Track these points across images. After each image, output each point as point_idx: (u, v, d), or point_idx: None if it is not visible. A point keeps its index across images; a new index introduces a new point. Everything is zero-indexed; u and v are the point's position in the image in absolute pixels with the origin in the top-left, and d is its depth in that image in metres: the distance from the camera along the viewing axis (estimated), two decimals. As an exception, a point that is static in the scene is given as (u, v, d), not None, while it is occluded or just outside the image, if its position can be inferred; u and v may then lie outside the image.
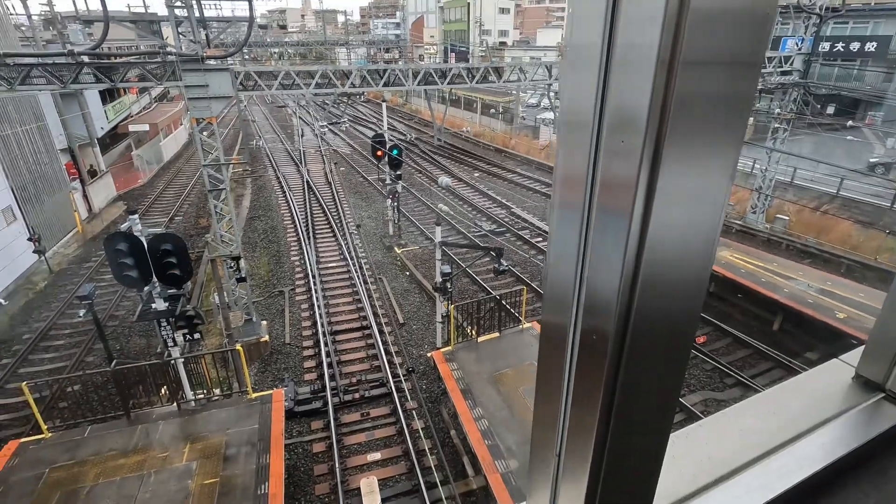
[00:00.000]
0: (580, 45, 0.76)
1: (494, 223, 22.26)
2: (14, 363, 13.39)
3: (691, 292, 0.80)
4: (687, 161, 0.72)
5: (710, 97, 0.69)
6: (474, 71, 16.18)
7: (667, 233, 0.72)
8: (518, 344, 11.88)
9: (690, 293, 0.80)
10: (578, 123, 0.79)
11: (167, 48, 11.75)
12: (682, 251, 0.75)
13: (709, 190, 0.75)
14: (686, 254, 0.76)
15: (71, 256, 20.25)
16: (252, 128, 45.80)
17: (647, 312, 0.77)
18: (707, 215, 0.76)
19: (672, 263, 0.75)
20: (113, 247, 8.63)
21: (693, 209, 0.75)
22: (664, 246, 0.72)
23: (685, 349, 0.88)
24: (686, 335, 0.85)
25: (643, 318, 0.77)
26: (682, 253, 0.75)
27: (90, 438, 9.00)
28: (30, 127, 19.55)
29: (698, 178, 0.74)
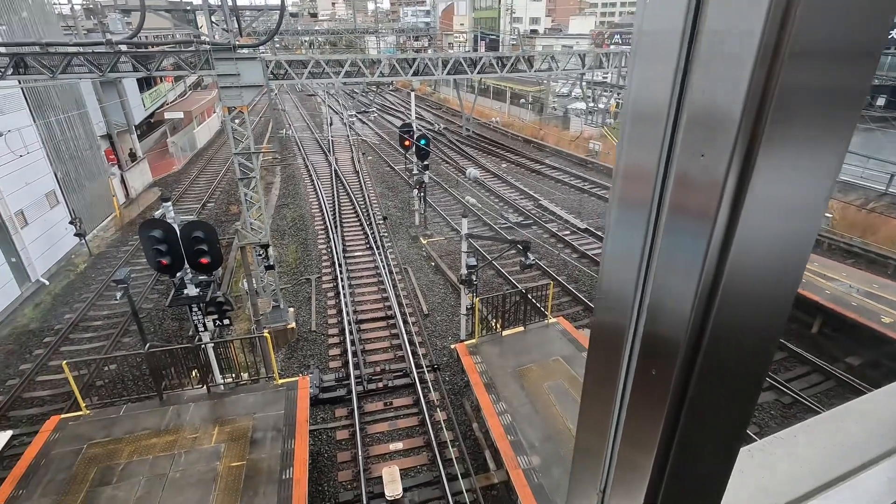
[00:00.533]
0: (655, 31, 0.66)
1: (521, 215, 22.00)
2: (56, 342, 14.00)
3: (776, 309, 0.70)
4: (785, 164, 0.61)
5: (818, 93, 0.58)
6: (505, 60, 15.90)
7: (756, 243, 0.63)
8: (543, 339, 11.72)
9: (775, 310, 0.70)
10: (649, 116, 0.69)
11: (201, 37, 11.91)
12: (771, 264, 0.66)
13: (807, 198, 0.64)
14: (775, 267, 0.66)
15: (109, 240, 20.99)
16: (282, 116, 46.42)
17: (726, 328, 0.68)
18: (802, 226, 0.66)
19: (760, 277, 0.65)
20: (147, 233, 8.85)
21: (788, 219, 0.65)
22: (752, 257, 0.63)
23: (762, 372, 0.78)
24: (765, 356, 0.76)
25: (721, 333, 0.68)
26: (772, 266, 0.66)
27: (125, 417, 9.33)
28: (72, 114, 20.24)
29: (797, 185, 0.63)
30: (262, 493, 7.76)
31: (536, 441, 8.91)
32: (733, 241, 0.63)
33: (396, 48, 63.65)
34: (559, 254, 18.22)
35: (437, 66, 14.98)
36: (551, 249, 18.52)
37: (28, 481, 7.99)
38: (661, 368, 0.77)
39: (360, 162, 30.39)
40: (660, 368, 0.76)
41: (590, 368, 0.94)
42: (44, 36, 18.12)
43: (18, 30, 17.44)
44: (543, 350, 11.33)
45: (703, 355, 0.71)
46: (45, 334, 14.59)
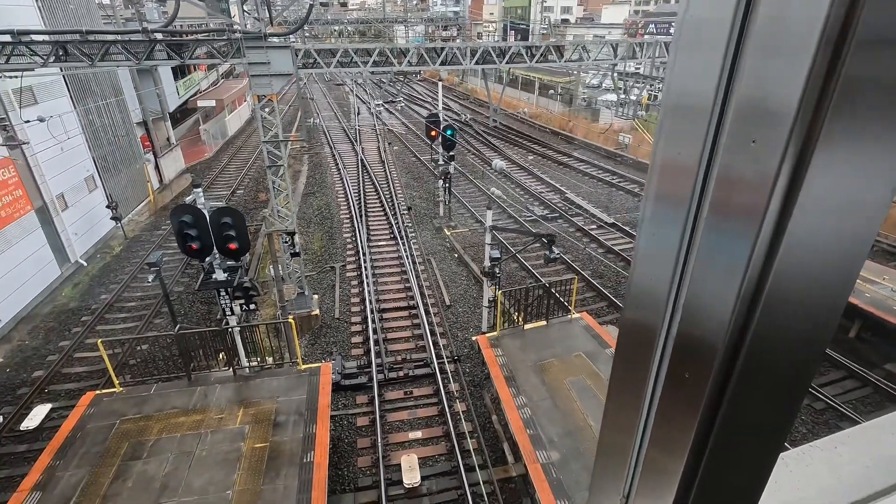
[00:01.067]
0: (701, 19, 0.61)
1: (547, 208, 21.74)
2: (92, 321, 14.59)
3: (825, 316, 0.66)
4: (845, 162, 0.56)
5: (886, 85, 0.53)
6: (534, 50, 15.63)
7: (808, 244, 0.59)
8: (566, 334, 11.60)
9: (824, 317, 0.66)
10: (691, 109, 0.65)
11: (233, 26, 12.07)
12: (823, 267, 0.61)
13: (867, 198, 0.59)
14: (828, 271, 0.62)
15: (143, 224, 21.69)
16: (310, 105, 46.89)
17: (769, 333, 0.64)
18: (860, 228, 0.62)
19: (809, 281, 0.61)
20: (178, 218, 9.08)
21: (844, 220, 0.60)
22: (803, 259, 0.60)
23: (806, 381, 0.74)
24: (810, 365, 0.72)
25: (764, 339, 0.64)
26: (824, 270, 0.61)
27: (155, 395, 9.68)
28: (110, 101, 20.88)
29: (857, 183, 0.58)
30: (284, 475, 7.95)
31: (556, 436, 8.86)
32: (782, 240, 0.59)
33: (425, 38, 63.37)
34: (585, 248, 17.96)
35: (465, 56, 14.84)
36: (577, 243, 18.27)
37: (65, 452, 8.39)
38: (695, 371, 0.73)
39: (386, 152, 30.50)
40: (694, 371, 0.73)
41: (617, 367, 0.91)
42: (84, 24, 18.69)
43: (62, 18, 18.02)
44: (566, 345, 11.22)
45: (742, 360, 0.67)
46: (83, 313, 15.21)
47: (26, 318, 14.97)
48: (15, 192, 15.19)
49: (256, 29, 11.64)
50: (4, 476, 9.93)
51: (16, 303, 14.74)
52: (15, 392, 12.08)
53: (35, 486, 7.79)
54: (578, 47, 16.31)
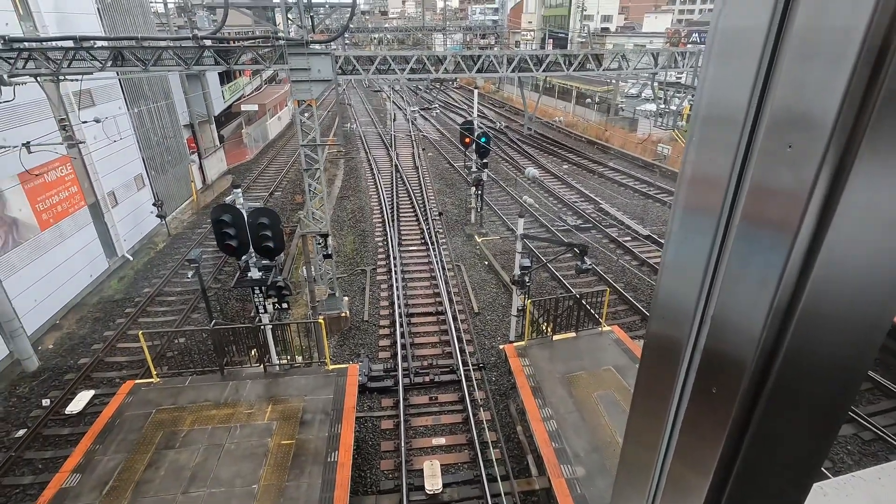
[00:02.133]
0: (735, 28, 0.61)
1: (580, 218, 21.43)
2: (135, 313, 15.27)
3: (866, 336, 0.63)
4: (889, 172, 0.54)
5: None
6: (572, 58, 15.50)
7: (846, 258, 0.57)
8: (595, 347, 11.36)
9: (864, 337, 0.63)
10: (723, 118, 0.64)
11: (277, 33, 12.49)
12: (863, 284, 0.59)
13: None
14: (868, 288, 0.59)
15: (186, 222, 22.59)
16: (348, 111, 47.88)
17: (803, 351, 0.62)
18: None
19: (848, 297, 0.59)
20: (218, 217, 9.42)
21: (888, 233, 0.57)
22: (840, 274, 0.57)
23: (844, 405, 0.71)
24: (849, 387, 0.69)
25: (797, 357, 0.62)
26: (864, 286, 0.59)
27: (190, 387, 10.01)
28: (160, 104, 21.92)
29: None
30: (308, 473, 8.07)
31: (582, 451, 8.67)
32: (818, 254, 0.57)
33: (462, 46, 63.83)
34: (618, 260, 17.58)
35: (502, 64, 14.85)
36: (610, 255, 17.90)
37: (104, 438, 8.77)
38: (723, 387, 0.71)
39: (420, 157, 30.79)
40: (722, 387, 0.71)
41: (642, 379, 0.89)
42: (140, 32, 19.73)
43: (120, 25, 19.08)
44: (595, 358, 10.98)
45: (773, 378, 0.65)
46: (126, 305, 15.94)
47: (76, 307, 15.79)
48: (71, 189, 16.11)
49: (299, 36, 12.00)
50: (49, 457, 10.46)
51: (67, 292, 15.58)
52: (62, 377, 12.74)
53: (76, 468, 8.17)
54: (617, 56, 16.07)
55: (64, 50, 11.11)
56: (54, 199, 15.29)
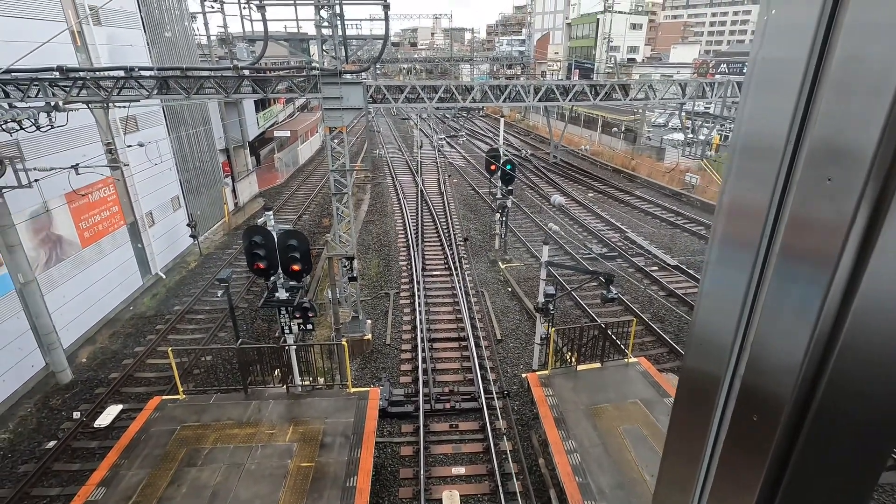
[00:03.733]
0: (774, 59, 0.63)
1: (606, 247, 21.18)
2: (165, 330, 15.65)
3: None
4: None
5: None
6: (598, 88, 15.62)
7: (888, 291, 0.56)
8: (621, 379, 11.05)
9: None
10: (763, 148, 0.65)
11: (312, 63, 13.01)
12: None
13: None
14: None
15: (217, 242, 23.26)
16: (376, 137, 49.04)
17: (845, 387, 0.62)
18: None
19: (890, 330, 0.58)
20: (249, 238, 9.69)
21: None
22: (882, 307, 0.57)
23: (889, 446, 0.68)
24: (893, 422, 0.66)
25: (839, 393, 0.62)
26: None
27: (214, 405, 10.13)
28: (199, 129, 22.93)
29: None
30: (326, 498, 7.99)
31: (606, 487, 8.35)
32: (859, 286, 0.57)
33: (489, 75, 65.09)
34: (645, 290, 17.23)
35: (529, 93, 15.07)
36: (636, 284, 17.57)
37: (130, 453, 8.91)
38: (761, 426, 0.70)
39: (445, 184, 31.15)
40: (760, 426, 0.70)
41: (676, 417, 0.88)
42: (185, 62, 20.85)
43: (166, 56, 20.21)
44: (621, 390, 10.67)
45: (813, 415, 0.64)
46: (157, 322, 16.37)
47: (110, 322, 16.30)
48: (112, 209, 16.85)
49: (333, 66, 12.48)
50: (76, 469, 10.66)
51: (103, 307, 16.12)
52: (93, 391, 13.07)
53: (101, 482, 8.30)
54: (644, 86, 16.12)
55: (115, 79, 11.81)
56: (96, 218, 16.01)
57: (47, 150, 13.63)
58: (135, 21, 18.15)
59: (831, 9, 0.56)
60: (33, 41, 9.94)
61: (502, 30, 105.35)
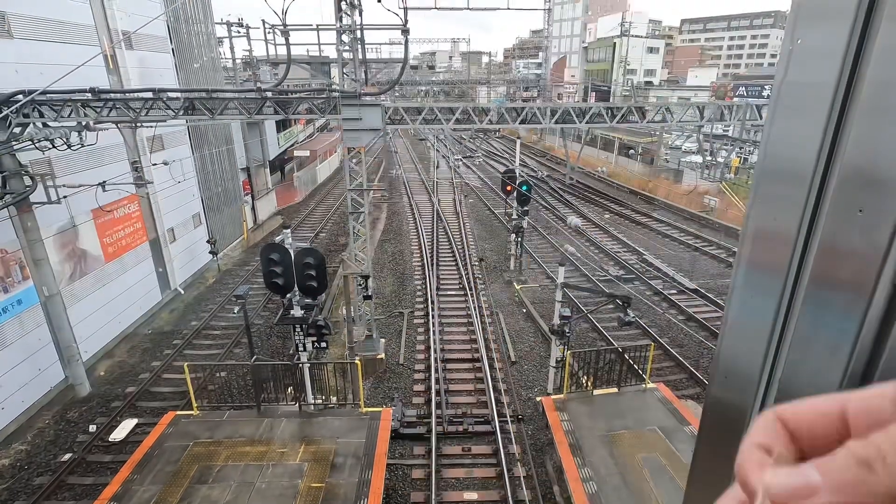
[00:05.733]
0: (801, 84, 0.61)
1: (623, 269, 20.93)
2: (181, 345, 15.82)
3: None
4: None
5: None
6: (615, 110, 15.65)
7: None
8: (639, 405, 10.78)
9: None
10: (790, 173, 0.63)
11: (333, 86, 13.33)
12: None
13: None
14: None
15: (235, 259, 23.61)
16: (394, 158, 49.71)
17: None
18: None
19: None
20: (267, 255, 9.81)
21: None
22: None
23: None
24: None
25: None
26: None
27: (227, 422, 10.14)
28: (222, 149, 23.54)
29: None
30: (336, 520, 7.87)
31: (624, 519, 8.07)
32: (895, 322, 0.54)
33: (506, 98, 65.87)
34: (663, 313, 16.91)
35: (545, 116, 15.17)
36: (654, 308, 17.26)
37: (143, 468, 8.93)
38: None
39: (461, 204, 31.30)
40: None
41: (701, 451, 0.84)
42: (210, 84, 21.55)
43: (193, 78, 20.93)
44: (639, 417, 10.39)
45: None
46: (174, 337, 16.56)
47: (128, 336, 16.55)
48: (136, 225, 17.28)
49: (353, 89, 12.77)
50: (90, 483, 10.70)
51: (122, 321, 16.40)
52: (109, 404, 13.20)
53: (113, 497, 8.31)
54: (661, 109, 16.11)
55: (143, 100, 12.25)
56: (120, 233, 16.42)
57: (76, 168, 14.10)
58: (165, 46, 18.88)
59: (860, 34, 0.54)
60: (69, 64, 10.39)
61: (519, 53, 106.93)
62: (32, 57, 12.85)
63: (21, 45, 12.67)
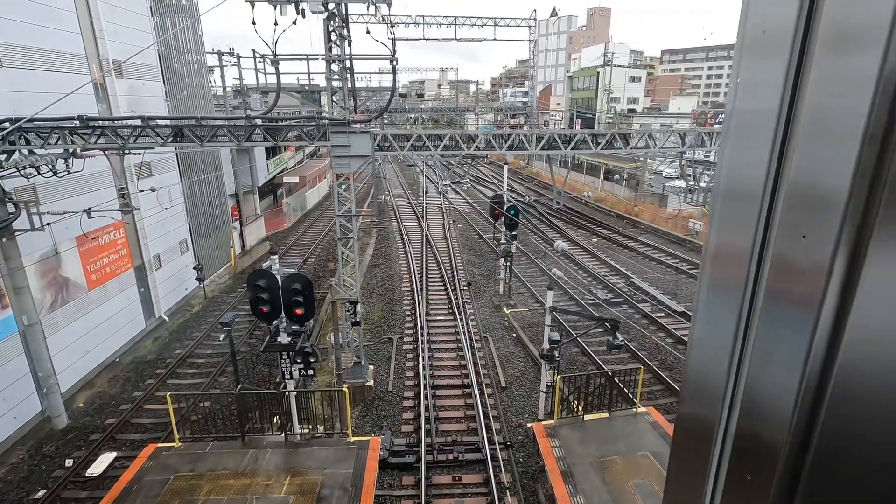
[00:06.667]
0: (749, 111, 0.65)
1: (611, 293, 21.04)
2: (165, 374, 15.44)
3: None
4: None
5: None
6: (599, 137, 16.03)
7: (873, 336, 0.56)
8: (630, 430, 10.69)
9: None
10: (743, 196, 0.67)
11: (322, 113, 13.50)
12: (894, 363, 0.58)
13: None
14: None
15: (223, 286, 23.32)
16: (383, 184, 50.04)
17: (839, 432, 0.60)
18: None
19: (881, 378, 0.58)
20: (254, 282, 9.72)
21: None
22: (869, 354, 0.57)
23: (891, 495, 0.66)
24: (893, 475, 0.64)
25: (834, 438, 0.61)
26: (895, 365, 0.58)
27: (210, 454, 9.83)
28: (210, 175, 23.54)
29: None
30: (322, 555, 7.59)
31: (618, 548, 7.90)
32: (844, 333, 0.57)
33: (494, 125, 67.11)
34: (651, 336, 16.95)
35: (532, 142, 15.47)
36: (643, 331, 17.30)
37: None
38: (757, 474, 0.68)
39: (450, 229, 31.45)
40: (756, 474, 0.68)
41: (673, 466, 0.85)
42: (200, 111, 21.71)
43: (182, 105, 21.07)
44: (630, 442, 10.29)
45: (810, 463, 0.62)
46: (158, 366, 16.17)
47: (110, 365, 16.13)
48: (121, 251, 17.07)
49: (342, 116, 12.94)
50: (63, 521, 10.24)
51: (104, 350, 16.00)
52: (87, 437, 12.75)
53: (88, 536, 7.94)
54: (645, 135, 16.53)
55: (132, 127, 12.27)
56: (104, 260, 16.19)
57: (61, 195, 13.98)
58: (155, 74, 19.06)
59: (796, 67, 0.59)
60: (59, 92, 10.43)
61: (506, 82, 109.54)
62: (22, 85, 12.88)
63: (11, 73, 12.71)
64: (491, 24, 48.57)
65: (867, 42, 0.51)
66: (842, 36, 0.54)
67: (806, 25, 0.57)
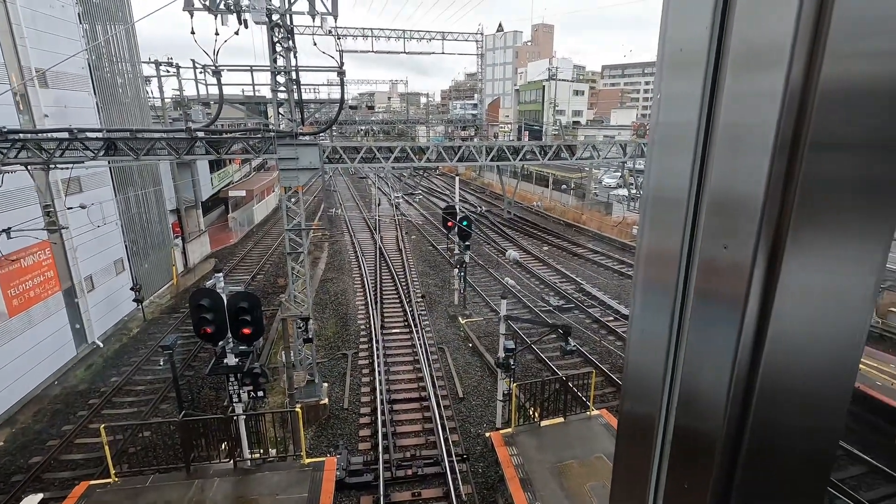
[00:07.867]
0: (671, 123, 0.68)
1: (563, 299, 21.58)
2: (99, 404, 14.33)
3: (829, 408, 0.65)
4: (819, 253, 0.59)
5: (847, 183, 0.57)
6: (546, 148, 16.52)
7: (794, 334, 0.60)
8: (585, 433, 10.93)
9: (828, 409, 0.65)
10: (669, 202, 0.69)
11: (268, 125, 13.16)
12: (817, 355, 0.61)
13: (849, 288, 0.61)
14: (823, 359, 0.62)
15: (164, 306, 22.04)
16: (334, 196, 49.28)
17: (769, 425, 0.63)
18: (849, 316, 0.63)
19: (803, 370, 0.61)
20: (196, 302, 9.24)
21: (829, 308, 0.61)
22: (791, 348, 0.60)
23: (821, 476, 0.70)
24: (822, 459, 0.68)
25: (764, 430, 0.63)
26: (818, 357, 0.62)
27: (151, 488, 9.18)
28: (148, 190, 22.32)
29: (835, 274, 0.60)
30: (276, 587, 7.23)
31: (577, 551, 8.00)
32: (767, 330, 0.59)
33: (444, 137, 67.83)
34: (601, 340, 17.50)
35: (481, 154, 15.73)
36: (593, 336, 17.83)
37: (47, 550, 7.82)
38: (695, 477, 0.70)
39: (403, 241, 31.32)
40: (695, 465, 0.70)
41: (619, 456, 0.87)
42: (136, 123, 20.61)
43: (116, 117, 19.92)
44: (585, 445, 10.51)
45: (744, 454, 0.64)
46: (91, 396, 15.00)
47: (36, 398, 14.79)
48: (46, 274, 15.79)
49: (289, 129, 12.65)
50: (-21, 576, 9.22)
51: (27, 383, 14.66)
52: (9, 480, 11.60)
53: (9, 590, 7.18)
54: (589, 146, 17.20)
55: (58, 140, 11.46)
56: (28, 284, 14.93)
57: (-23, 214, 12.81)
58: (85, 84, 17.95)
59: (711, 82, 0.61)
60: (-30, 103, 9.59)
61: (456, 95, 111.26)
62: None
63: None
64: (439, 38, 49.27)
65: (772, 60, 0.54)
66: (750, 54, 0.57)
67: (718, 44, 0.60)
